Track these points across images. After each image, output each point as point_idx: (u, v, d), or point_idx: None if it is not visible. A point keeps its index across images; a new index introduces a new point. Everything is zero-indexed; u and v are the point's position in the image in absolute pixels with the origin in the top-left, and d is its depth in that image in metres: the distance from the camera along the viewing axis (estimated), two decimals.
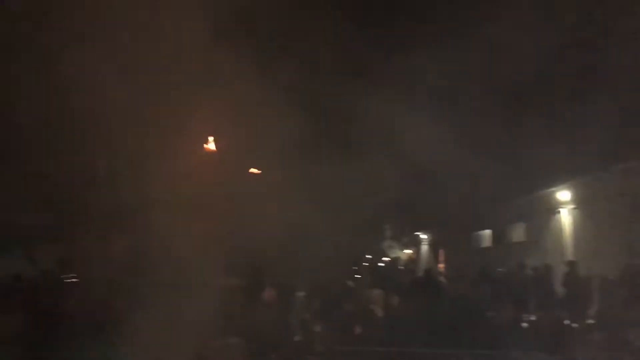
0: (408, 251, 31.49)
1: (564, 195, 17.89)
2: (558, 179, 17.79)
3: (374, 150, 12.89)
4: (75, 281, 8.79)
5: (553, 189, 18.18)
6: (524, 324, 9.37)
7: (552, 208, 18.59)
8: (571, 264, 12.77)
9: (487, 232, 23.76)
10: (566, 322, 8.49)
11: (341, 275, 12.16)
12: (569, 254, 17.27)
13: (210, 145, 7.49)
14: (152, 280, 7.70)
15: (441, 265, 25.50)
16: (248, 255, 8.87)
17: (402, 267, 22.61)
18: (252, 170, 8.95)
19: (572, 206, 17.93)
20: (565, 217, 18.24)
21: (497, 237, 22.97)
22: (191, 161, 7.52)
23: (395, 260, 25.28)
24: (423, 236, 30.07)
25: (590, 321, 8.29)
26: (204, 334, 7.79)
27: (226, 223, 7.99)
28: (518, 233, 21.32)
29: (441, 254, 26.79)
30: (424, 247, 30.21)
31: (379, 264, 24.92)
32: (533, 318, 9.46)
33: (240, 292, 8.74)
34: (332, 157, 11.86)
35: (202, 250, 7.75)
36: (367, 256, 26.69)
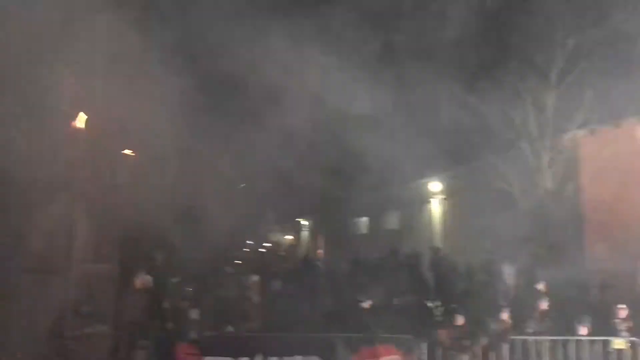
0: (289, 237, 31.77)
1: (435, 186, 18.88)
2: (430, 171, 18.74)
3: (254, 135, 12.76)
4: None
5: (425, 180, 19.12)
6: (395, 308, 9.79)
7: (424, 198, 19.56)
8: (435, 250, 13.44)
9: (364, 220, 24.52)
10: (431, 305, 8.97)
11: (219, 261, 11.96)
12: (439, 241, 18.29)
13: (79, 122, 6.99)
14: (10, 266, 7.11)
15: (320, 252, 25.97)
16: (119, 239, 8.44)
17: (282, 253, 22.75)
18: (126, 152, 8.49)
19: (442, 197, 18.98)
20: (436, 207, 19.28)
21: (373, 225, 23.77)
22: (57, 138, 6.99)
23: (275, 246, 25.40)
24: (304, 222, 30.46)
25: (453, 305, 8.80)
26: (68, 321, 7.36)
27: (95, 205, 7.54)
28: (392, 221, 22.20)
29: (320, 240, 27.29)
30: (304, 233, 30.64)
31: (260, 250, 24.91)
32: (403, 302, 9.88)
33: (111, 278, 8.33)
34: (213, 140, 11.60)
35: (68, 234, 7.28)
36: (247, 241, 26.56)
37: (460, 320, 8.08)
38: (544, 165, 14.17)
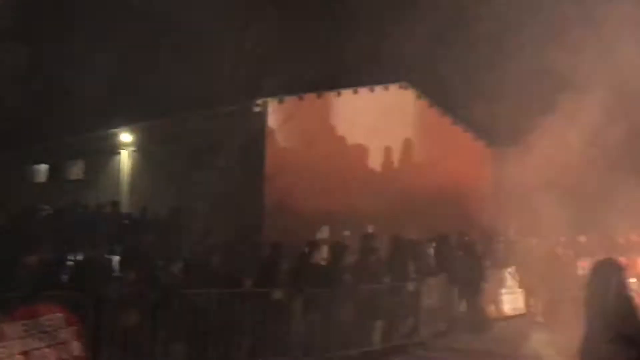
0: None
1: (125, 137, 18.17)
2: (120, 121, 18.00)
3: None
4: None
5: (115, 130, 18.27)
6: (70, 263, 9.14)
7: (113, 148, 18.71)
8: (114, 204, 13.09)
9: (43, 167, 22.32)
10: (102, 259, 8.64)
11: None
12: (125, 194, 17.78)
13: None
14: None
15: None
16: None
17: None
18: None
19: (132, 148, 18.41)
20: (125, 159, 18.62)
21: (53, 173, 21.81)
22: None
23: None
24: None
25: (125, 258, 8.63)
26: None
27: None
28: (76, 170, 20.72)
29: None
30: None
31: None
32: (79, 257, 9.31)
33: None
34: None
35: None
36: None
37: (131, 275, 7.91)
38: (234, 127, 14.76)
